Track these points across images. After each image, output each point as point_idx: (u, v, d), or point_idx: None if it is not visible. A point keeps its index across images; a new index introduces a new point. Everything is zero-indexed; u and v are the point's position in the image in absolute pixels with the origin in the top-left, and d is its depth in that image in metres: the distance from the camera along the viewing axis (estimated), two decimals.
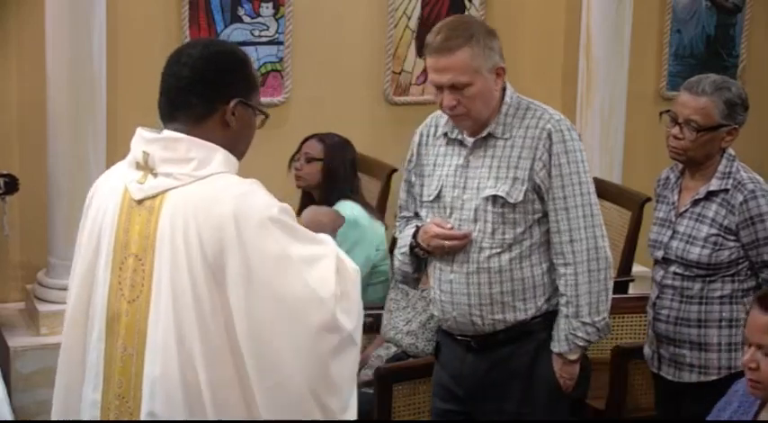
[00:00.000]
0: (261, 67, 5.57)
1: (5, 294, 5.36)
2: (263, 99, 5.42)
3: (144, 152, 2.51)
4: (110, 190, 2.59)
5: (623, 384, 4.21)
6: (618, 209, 5.15)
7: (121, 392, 2.49)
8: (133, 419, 2.46)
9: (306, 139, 4.83)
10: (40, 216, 5.05)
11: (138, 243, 2.49)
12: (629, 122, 5.92)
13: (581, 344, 3.31)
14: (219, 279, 2.40)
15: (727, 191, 3.49)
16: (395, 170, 5.24)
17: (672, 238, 3.57)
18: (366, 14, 5.77)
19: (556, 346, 3.32)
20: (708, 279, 3.51)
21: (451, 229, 3.31)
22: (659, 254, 3.61)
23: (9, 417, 3.06)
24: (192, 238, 2.41)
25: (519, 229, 3.27)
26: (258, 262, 2.40)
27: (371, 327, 4.48)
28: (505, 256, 3.28)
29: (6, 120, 5.22)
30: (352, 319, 2.52)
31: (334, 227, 2.88)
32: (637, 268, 5.15)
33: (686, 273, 3.53)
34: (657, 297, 3.62)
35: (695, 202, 3.54)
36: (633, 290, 4.99)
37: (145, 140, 2.53)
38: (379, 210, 4.97)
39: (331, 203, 4.65)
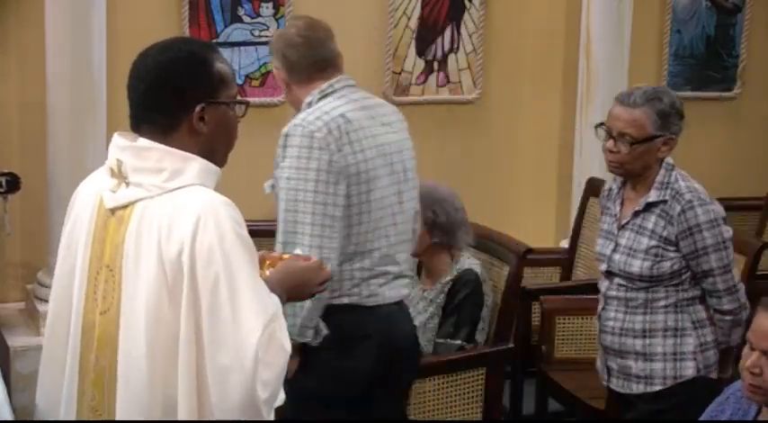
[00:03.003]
0: (261, 66, 5.56)
1: (5, 294, 5.36)
2: (264, 99, 5.56)
3: (118, 160, 2.44)
4: (88, 197, 2.54)
5: None
6: None
7: (94, 405, 2.44)
8: None
9: None
10: (40, 216, 5.04)
11: (110, 254, 2.43)
12: None
13: None
14: (175, 294, 2.34)
15: (665, 202, 3.45)
16: None
17: (614, 250, 3.55)
18: (366, 14, 5.76)
19: None
20: (650, 289, 3.49)
21: None
22: (603, 267, 3.60)
23: (9, 417, 3.05)
24: (154, 252, 2.35)
25: None
26: (203, 284, 2.32)
27: None
28: None
29: (6, 120, 5.22)
30: (266, 390, 2.33)
31: (306, 292, 2.71)
32: None
33: (629, 284, 3.52)
34: (603, 309, 3.61)
35: (636, 214, 3.51)
36: None
37: (119, 148, 2.45)
38: None
39: None
